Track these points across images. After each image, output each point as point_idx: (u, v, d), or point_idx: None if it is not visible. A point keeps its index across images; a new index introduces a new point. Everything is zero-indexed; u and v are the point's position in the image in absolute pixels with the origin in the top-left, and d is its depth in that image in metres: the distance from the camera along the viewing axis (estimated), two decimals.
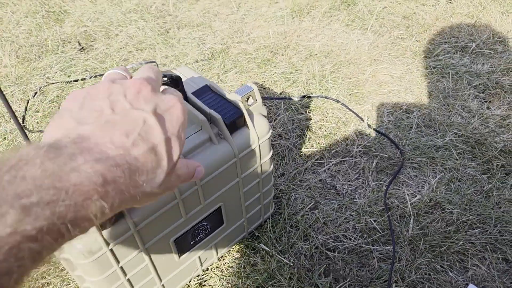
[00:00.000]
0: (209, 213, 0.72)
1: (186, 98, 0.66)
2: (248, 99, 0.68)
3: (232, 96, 0.66)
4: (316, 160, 1.06)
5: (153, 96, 0.38)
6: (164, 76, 0.55)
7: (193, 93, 0.67)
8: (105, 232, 0.57)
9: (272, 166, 0.78)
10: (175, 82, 0.58)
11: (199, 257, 0.79)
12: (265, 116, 0.70)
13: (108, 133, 0.33)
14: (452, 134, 1.09)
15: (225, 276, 0.85)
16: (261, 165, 0.74)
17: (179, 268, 0.76)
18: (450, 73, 1.28)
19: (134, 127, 0.34)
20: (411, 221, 0.91)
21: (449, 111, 1.16)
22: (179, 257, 0.73)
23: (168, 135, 0.36)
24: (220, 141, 0.65)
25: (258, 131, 0.68)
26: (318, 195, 0.98)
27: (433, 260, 0.85)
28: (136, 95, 0.37)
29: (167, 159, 0.36)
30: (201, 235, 0.74)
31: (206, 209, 0.71)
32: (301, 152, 1.08)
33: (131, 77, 0.43)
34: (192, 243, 0.74)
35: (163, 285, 0.75)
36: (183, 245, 0.72)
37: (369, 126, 1.12)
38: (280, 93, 1.25)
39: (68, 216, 0.27)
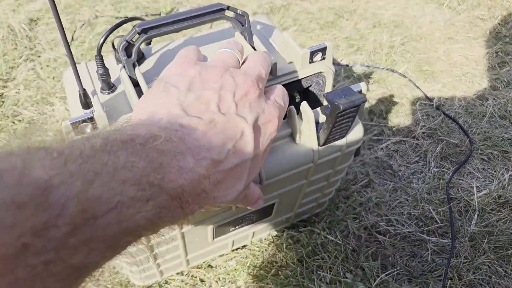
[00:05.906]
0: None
1: (254, 48, 0.57)
2: (315, 55, 0.57)
3: (302, 51, 0.55)
4: (374, 135, 0.97)
5: (257, 104, 0.37)
6: (228, 7, 0.51)
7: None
8: None
9: (345, 171, 0.67)
10: (241, 18, 0.53)
11: (233, 240, 0.71)
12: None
13: (208, 136, 0.33)
14: None
15: (261, 246, 0.78)
16: (336, 170, 0.62)
17: (209, 247, 0.69)
18: None
19: (232, 138, 0.34)
20: (475, 216, 0.82)
21: None
22: (213, 239, 0.66)
23: (256, 152, 0.36)
24: (302, 138, 0.53)
25: (349, 137, 0.55)
26: (372, 172, 0.90)
27: (496, 262, 0.76)
28: (243, 97, 0.36)
29: (245, 179, 0.36)
30: (243, 224, 0.66)
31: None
32: None
33: (243, 62, 0.42)
34: (231, 229, 0.66)
35: (187, 259, 0.69)
36: (221, 231, 0.64)
37: (437, 108, 1.02)
38: (341, 60, 1.15)
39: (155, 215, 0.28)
